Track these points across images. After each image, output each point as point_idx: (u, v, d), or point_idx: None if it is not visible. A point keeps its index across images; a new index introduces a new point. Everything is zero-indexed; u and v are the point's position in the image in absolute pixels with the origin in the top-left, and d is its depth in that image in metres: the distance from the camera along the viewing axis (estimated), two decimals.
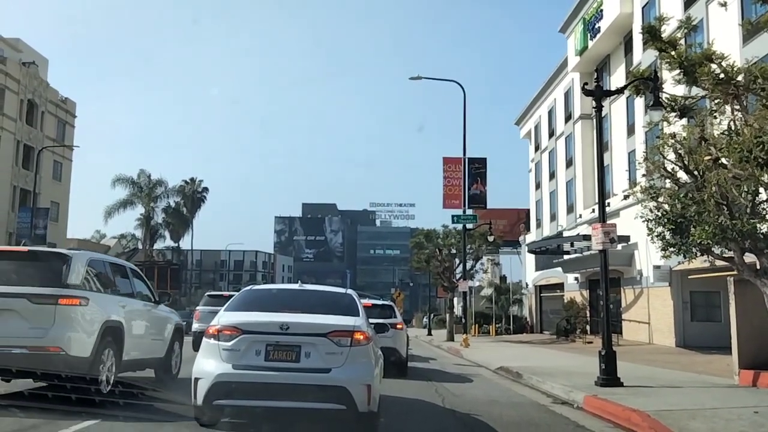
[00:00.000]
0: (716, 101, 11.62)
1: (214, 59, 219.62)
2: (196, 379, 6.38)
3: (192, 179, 63.92)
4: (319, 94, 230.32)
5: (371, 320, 8.26)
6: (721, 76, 11.17)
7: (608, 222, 12.59)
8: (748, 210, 10.90)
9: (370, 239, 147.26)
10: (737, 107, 11.13)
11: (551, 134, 41.87)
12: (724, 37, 18.46)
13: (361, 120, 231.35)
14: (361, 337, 6.59)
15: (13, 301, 7.63)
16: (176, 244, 63.85)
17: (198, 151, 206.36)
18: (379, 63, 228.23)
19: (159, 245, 62.19)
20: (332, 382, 6.26)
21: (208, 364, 6.41)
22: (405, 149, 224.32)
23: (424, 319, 55.86)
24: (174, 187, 60.11)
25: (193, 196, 62.64)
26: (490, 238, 35.61)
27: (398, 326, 14.75)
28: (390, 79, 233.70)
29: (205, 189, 64.82)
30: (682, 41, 12.76)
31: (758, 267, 11.09)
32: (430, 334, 40.74)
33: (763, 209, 10.98)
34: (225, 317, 6.77)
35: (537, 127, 45.57)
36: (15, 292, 7.68)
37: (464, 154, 32.00)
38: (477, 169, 34.70)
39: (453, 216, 32.49)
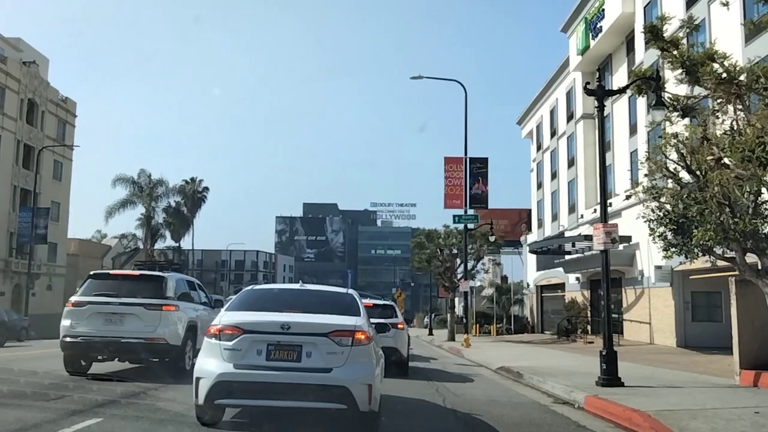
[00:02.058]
0: (718, 101, 11.60)
1: (216, 59, 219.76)
2: (198, 379, 6.38)
3: (192, 179, 63.90)
4: (321, 94, 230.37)
5: (372, 320, 8.25)
6: (724, 75, 11.15)
7: (610, 222, 12.57)
8: (750, 210, 10.88)
9: (371, 239, 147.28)
10: (740, 107, 11.11)
11: (553, 134, 41.84)
12: (727, 36, 18.44)
13: (363, 120, 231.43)
14: (362, 336, 6.58)
15: (134, 308, 11.16)
16: (177, 244, 63.84)
17: (199, 150, 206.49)
18: (381, 62, 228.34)
19: (160, 245, 62.12)
20: (333, 382, 6.26)
21: (209, 364, 6.41)
22: (406, 149, 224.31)
23: (425, 319, 55.88)
24: (174, 186, 60.12)
25: (193, 195, 62.63)
26: (492, 238, 35.61)
27: (399, 326, 14.75)
28: (392, 79, 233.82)
29: (206, 189, 64.81)
30: (684, 41, 12.74)
31: (760, 267, 11.07)
32: (431, 334, 40.74)
33: (766, 209, 10.96)
34: (226, 317, 6.77)
35: (539, 127, 45.54)
36: (135, 302, 11.22)
37: (465, 153, 32.01)
38: (478, 168, 34.67)
39: (454, 216, 32.48)
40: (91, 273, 12.56)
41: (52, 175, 49.93)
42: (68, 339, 11.16)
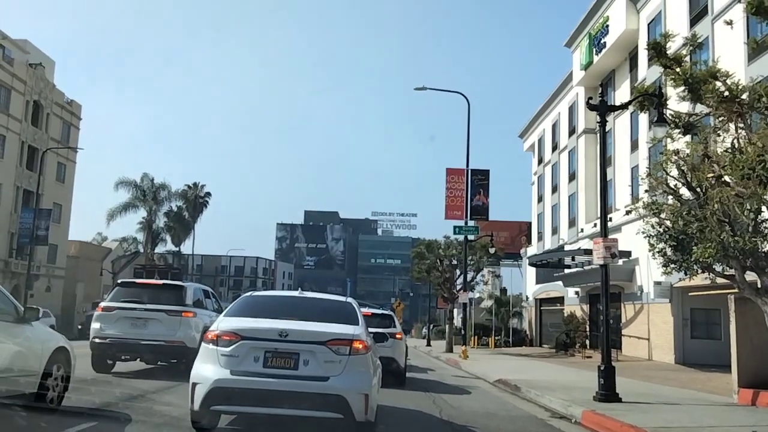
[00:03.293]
0: (720, 119, 11.64)
1: (225, 67, 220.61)
2: (194, 384, 6.37)
3: (195, 184, 63.95)
4: (324, 104, 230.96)
5: (371, 329, 8.25)
6: (726, 93, 11.19)
7: (610, 237, 12.58)
8: (750, 228, 10.89)
9: (371, 248, 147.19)
10: (741, 125, 11.14)
11: (554, 148, 41.91)
12: (729, 55, 18.51)
13: (367, 130, 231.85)
14: (360, 346, 6.58)
15: (157, 313, 12.46)
16: (177, 249, 63.80)
17: (202, 156, 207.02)
18: (386, 75, 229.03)
19: (160, 249, 62.11)
20: (330, 391, 6.25)
21: (206, 369, 6.40)
22: (408, 159, 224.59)
23: (424, 330, 55.73)
24: (177, 191, 60.13)
25: (195, 200, 62.65)
26: (492, 250, 35.58)
27: (397, 336, 14.73)
28: (397, 91, 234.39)
29: (208, 194, 64.86)
30: (687, 58, 12.78)
31: (759, 285, 11.06)
32: (429, 344, 40.63)
33: (765, 228, 10.96)
34: (224, 323, 6.77)
35: (541, 141, 45.61)
36: (158, 308, 12.51)
37: (467, 165, 32.06)
38: (479, 180, 34.69)
39: (455, 227, 32.48)
40: (119, 281, 14.35)
41: (55, 176, 49.98)
42: (98, 340, 12.40)
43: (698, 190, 11.46)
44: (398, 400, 10.64)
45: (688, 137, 12.70)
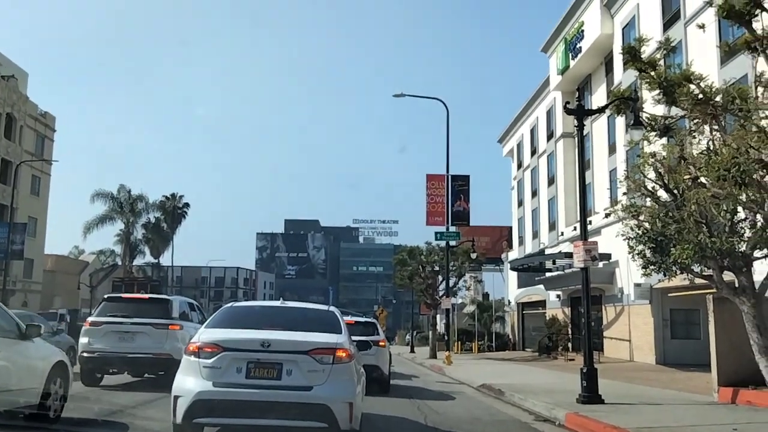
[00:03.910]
0: (695, 121, 11.81)
1: (200, 78, 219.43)
2: (176, 397, 6.30)
3: (173, 195, 63.41)
4: (303, 112, 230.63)
5: (354, 337, 8.23)
6: (700, 96, 11.36)
7: (590, 240, 12.67)
8: (727, 228, 11.05)
9: (353, 256, 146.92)
10: (715, 127, 11.31)
11: (533, 152, 42.21)
12: (703, 58, 18.78)
13: (347, 137, 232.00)
14: (344, 354, 6.55)
15: (144, 327, 12.67)
16: (156, 261, 63.18)
17: (180, 167, 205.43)
18: (365, 82, 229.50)
19: (138, 261, 61.48)
20: (314, 400, 6.21)
21: (188, 382, 6.33)
22: (389, 166, 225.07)
23: (407, 337, 55.66)
24: (155, 202, 59.61)
25: (173, 211, 62.11)
26: (473, 255, 35.68)
27: (381, 343, 14.70)
28: (376, 98, 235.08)
29: (186, 205, 64.34)
30: (662, 62, 12.97)
31: (737, 285, 11.22)
32: (412, 351, 40.60)
33: (742, 228, 11.13)
34: (206, 334, 6.70)
35: (519, 145, 45.93)
36: (145, 322, 12.73)
37: (447, 171, 32.20)
38: (460, 186, 34.85)
39: (436, 233, 32.56)
40: (105, 296, 14.48)
41: (30, 190, 49.27)
42: (86, 354, 12.66)
43: (675, 191, 11.60)
44: (383, 407, 10.59)
45: (664, 140, 12.86)
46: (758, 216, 10.58)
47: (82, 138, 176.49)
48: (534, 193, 41.87)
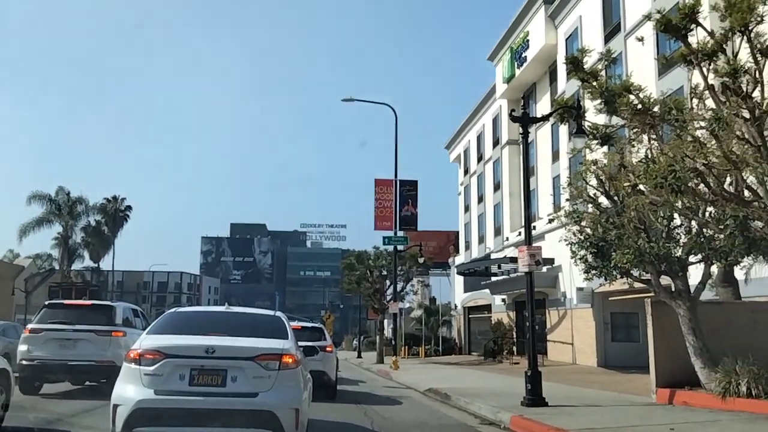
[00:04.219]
0: (634, 130, 12.19)
1: (147, 73, 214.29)
2: (116, 406, 6.11)
3: (115, 197, 61.60)
4: (249, 114, 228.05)
5: (300, 343, 8.14)
6: (639, 106, 11.74)
7: (534, 245, 12.91)
8: (664, 234, 11.45)
9: (300, 260, 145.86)
10: (653, 137, 11.70)
11: (480, 158, 42.82)
12: (642, 70, 19.41)
13: (294, 141, 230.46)
14: (290, 360, 6.48)
15: (86, 334, 12.49)
16: (96, 265, 61.27)
17: (122, 168, 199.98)
18: (313, 83, 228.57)
19: (77, 266, 59.52)
20: (259, 407, 6.13)
21: (128, 390, 6.15)
22: (337, 170, 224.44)
23: (354, 342, 55.57)
24: (95, 205, 57.77)
25: (115, 214, 60.34)
26: (421, 260, 35.90)
27: (328, 349, 14.64)
28: (323, 101, 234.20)
29: (129, 207, 62.60)
30: (603, 72, 13.35)
31: (673, 289, 11.62)
32: (360, 356, 40.53)
33: (678, 234, 11.55)
34: (147, 341, 6.53)
35: (466, 152, 46.52)
36: (87, 329, 12.54)
37: (396, 176, 32.32)
38: (408, 191, 35.09)
39: (384, 237, 32.65)
40: (46, 303, 14.30)
41: None
42: (25, 362, 12.40)
43: (616, 198, 11.95)
44: (329, 413, 10.53)
45: (605, 148, 13.23)
46: (693, 222, 10.99)
47: (18, 136, 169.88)
48: (480, 199, 42.45)
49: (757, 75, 9.93)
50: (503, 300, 35.00)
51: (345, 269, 39.58)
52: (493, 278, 34.66)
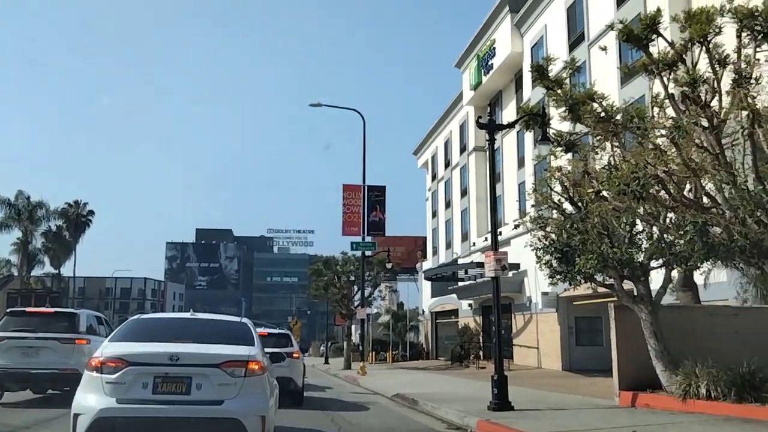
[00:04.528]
0: (598, 138, 12.43)
1: (105, 73, 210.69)
2: (76, 415, 5.98)
3: (76, 202, 60.35)
4: (215, 119, 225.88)
5: (267, 349, 8.09)
6: (602, 114, 11.98)
7: (500, 250, 13.03)
8: (627, 240, 11.68)
9: (267, 266, 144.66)
10: (616, 144, 11.94)
11: (447, 164, 43.11)
12: (605, 78, 19.82)
13: (261, 145, 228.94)
14: (256, 367, 6.43)
15: (49, 342, 12.33)
16: (57, 271, 59.89)
17: (85, 173, 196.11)
18: (281, 88, 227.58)
19: (37, 272, 58.14)
20: (225, 414, 6.06)
21: (89, 399, 6.03)
22: (305, 176, 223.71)
23: (322, 348, 55.29)
24: (56, 209, 56.51)
25: (77, 219, 59.10)
26: (389, 265, 35.92)
27: (295, 355, 14.54)
28: (291, 105, 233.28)
29: (91, 212, 61.40)
30: (568, 81, 13.58)
31: (635, 293, 11.85)
32: (327, 362, 40.35)
33: (640, 239, 11.79)
34: (109, 348, 6.41)
35: (434, 158, 46.79)
36: (50, 336, 12.38)
37: (364, 181, 32.34)
38: (376, 196, 35.13)
39: (352, 243, 32.63)
40: (8, 310, 14.23)
41: None
42: None
43: (579, 204, 12.15)
44: (296, 420, 10.45)
45: (569, 155, 13.44)
46: (654, 228, 11.23)
47: None
48: (448, 205, 42.72)
49: (716, 85, 10.22)
50: (470, 305, 35.22)
51: (312, 275, 39.40)
52: (460, 283, 34.87)
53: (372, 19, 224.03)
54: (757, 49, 10.09)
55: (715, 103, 10.13)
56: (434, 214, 46.31)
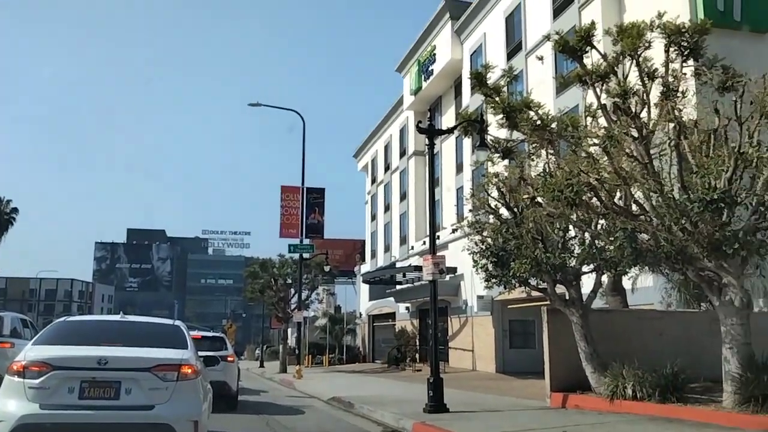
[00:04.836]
0: (533, 145, 12.74)
1: (40, 73, 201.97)
2: None
3: None
4: (148, 115, 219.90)
5: (201, 353, 7.90)
6: (538, 122, 12.29)
7: (438, 254, 13.16)
8: (560, 245, 11.99)
9: (201, 268, 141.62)
10: (551, 151, 12.27)
11: (387, 168, 43.30)
12: (541, 87, 20.35)
13: (195, 144, 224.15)
14: (189, 371, 6.28)
15: None
16: None
17: (8, 170, 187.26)
18: (220, 88, 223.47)
19: None
20: (155, 420, 5.90)
21: (9, 405, 5.75)
22: (242, 176, 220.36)
23: (257, 351, 54.51)
24: None
25: None
26: (327, 268, 35.79)
27: (229, 359, 14.29)
28: (230, 104, 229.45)
29: (15, 210, 58.77)
30: (505, 89, 13.88)
31: (567, 297, 12.18)
32: (262, 366, 39.81)
33: (572, 245, 12.12)
34: (33, 352, 6.13)
35: (374, 161, 46.91)
36: None
37: (303, 183, 32.10)
38: (315, 198, 34.94)
39: (290, 245, 32.32)
40: None
41: None
42: None
43: (515, 210, 12.41)
44: (230, 424, 10.26)
45: (506, 161, 13.73)
46: (586, 234, 11.58)
47: None
48: (387, 208, 42.90)
49: (645, 97, 10.64)
50: (407, 308, 35.44)
51: (248, 277, 38.84)
52: (398, 286, 35.05)
53: (318, 20, 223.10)
54: (684, 64, 10.59)
55: (644, 114, 10.55)
56: (373, 218, 46.41)
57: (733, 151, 8.73)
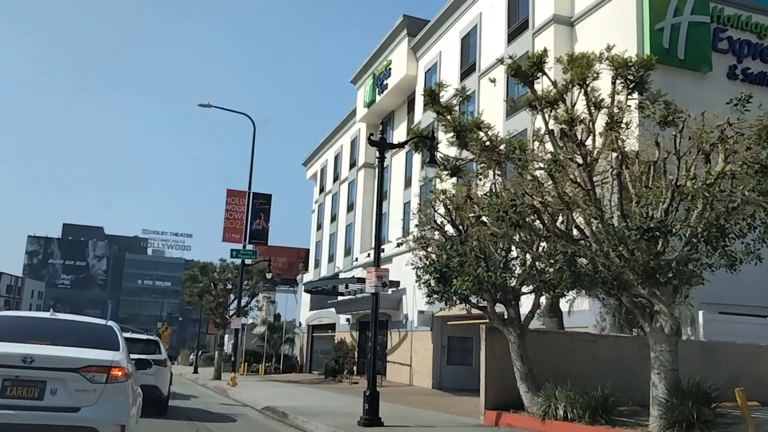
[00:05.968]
0: (481, 165, 12.94)
1: None
2: None
3: None
4: (93, 109, 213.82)
5: (133, 355, 7.68)
6: (487, 143, 12.51)
7: (382, 267, 13.19)
8: (502, 265, 12.19)
9: (138, 268, 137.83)
10: (498, 172, 12.49)
11: (336, 178, 43.23)
12: (492, 109, 20.71)
13: (139, 142, 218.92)
14: (120, 373, 6.08)
15: None
16: None
17: None
18: (176, 88, 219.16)
19: None
20: (80, 423, 5.68)
21: None
22: (185, 178, 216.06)
23: (192, 356, 53.28)
24: None
25: None
26: (269, 275, 35.37)
27: (162, 363, 13.91)
28: (180, 105, 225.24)
29: None
30: (457, 108, 14.08)
31: (506, 317, 12.37)
32: (196, 371, 38.93)
33: (514, 265, 12.35)
34: None
35: (323, 170, 46.78)
36: None
37: (249, 188, 31.76)
38: (261, 204, 34.56)
39: (232, 250, 31.84)
40: None
41: None
42: None
43: (460, 227, 12.57)
44: (159, 430, 9.98)
45: (454, 179, 13.91)
46: (528, 255, 11.81)
47: None
48: (333, 218, 42.77)
49: (591, 125, 10.97)
50: (348, 320, 35.32)
51: (187, 280, 38.06)
52: (340, 297, 34.92)
53: (280, 30, 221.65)
54: (629, 97, 10.97)
55: (589, 142, 10.87)
56: (319, 227, 46.20)
57: (670, 183, 9.09)
